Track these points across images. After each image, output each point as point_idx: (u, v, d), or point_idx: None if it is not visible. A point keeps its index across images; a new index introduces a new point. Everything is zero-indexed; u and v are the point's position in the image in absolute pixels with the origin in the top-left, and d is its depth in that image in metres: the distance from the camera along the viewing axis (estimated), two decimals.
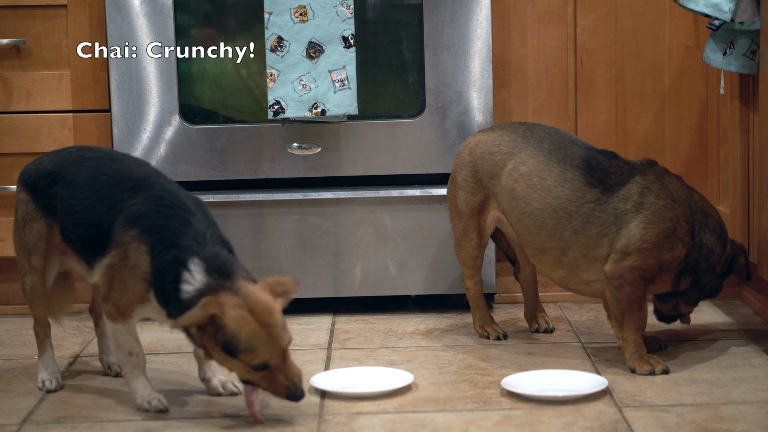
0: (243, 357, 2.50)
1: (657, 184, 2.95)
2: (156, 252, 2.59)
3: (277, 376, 2.52)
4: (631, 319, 2.92)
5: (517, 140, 3.11)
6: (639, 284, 2.91)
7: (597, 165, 2.99)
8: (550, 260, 3.03)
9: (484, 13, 3.45)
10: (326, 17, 3.38)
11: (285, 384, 2.53)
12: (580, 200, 2.97)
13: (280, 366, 2.52)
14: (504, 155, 3.11)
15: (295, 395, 2.53)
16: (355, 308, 3.64)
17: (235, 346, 2.49)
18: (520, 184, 3.05)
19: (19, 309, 3.67)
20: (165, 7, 3.45)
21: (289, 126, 3.48)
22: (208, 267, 2.55)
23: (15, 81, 3.54)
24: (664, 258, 2.91)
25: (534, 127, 3.13)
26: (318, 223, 3.51)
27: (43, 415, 2.73)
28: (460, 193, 3.20)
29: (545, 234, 3.01)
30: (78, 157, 2.82)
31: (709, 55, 3.33)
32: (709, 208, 3.01)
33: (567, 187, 2.99)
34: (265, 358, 2.50)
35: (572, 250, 2.98)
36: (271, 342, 2.50)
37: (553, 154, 3.04)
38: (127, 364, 2.71)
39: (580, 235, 2.96)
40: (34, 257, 2.85)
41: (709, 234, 2.97)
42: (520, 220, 3.06)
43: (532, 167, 3.05)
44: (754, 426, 2.54)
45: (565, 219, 2.98)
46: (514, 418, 2.62)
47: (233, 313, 2.49)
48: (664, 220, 2.91)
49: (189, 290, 2.54)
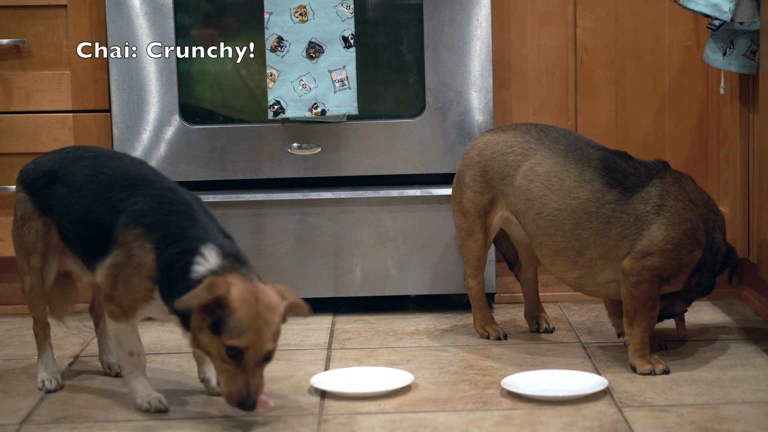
0: (225, 336, 2.46)
1: (675, 186, 2.97)
2: (162, 248, 2.58)
3: (241, 376, 2.49)
4: (643, 316, 2.93)
5: (531, 141, 3.11)
6: (656, 283, 2.93)
7: (615, 166, 3.01)
8: (565, 261, 3.03)
9: (484, 13, 3.45)
10: (326, 17, 3.38)
11: (241, 387, 2.48)
12: (600, 201, 2.99)
13: (250, 367, 2.49)
14: (518, 156, 3.11)
15: (247, 403, 2.49)
16: (355, 308, 3.64)
17: (226, 322, 2.46)
18: (536, 185, 3.06)
19: (19, 309, 3.67)
20: (165, 7, 3.45)
21: (289, 126, 3.48)
22: (223, 252, 2.55)
23: (15, 81, 3.54)
24: (684, 259, 2.94)
25: (547, 128, 3.13)
26: (318, 223, 3.51)
27: (43, 415, 2.73)
28: (467, 193, 3.20)
29: (561, 234, 3.02)
30: (76, 156, 2.82)
31: (709, 55, 3.32)
32: (716, 207, 3.03)
33: (587, 188, 3.01)
34: (245, 344, 2.46)
35: (589, 250, 2.99)
36: (258, 336, 2.48)
37: (570, 155, 3.05)
38: (127, 363, 2.71)
39: (599, 236, 2.98)
40: (32, 257, 2.85)
41: (719, 233, 2.99)
42: (535, 221, 3.06)
43: (549, 168, 3.05)
44: (754, 426, 2.54)
45: (585, 219, 2.99)
46: (514, 418, 2.62)
47: (239, 293, 2.47)
48: (685, 221, 2.93)
49: (200, 270, 2.52)
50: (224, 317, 2.47)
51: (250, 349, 2.48)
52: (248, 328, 2.47)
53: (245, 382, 2.49)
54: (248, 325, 2.47)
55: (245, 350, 2.47)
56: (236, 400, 2.49)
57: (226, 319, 2.47)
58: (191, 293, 2.46)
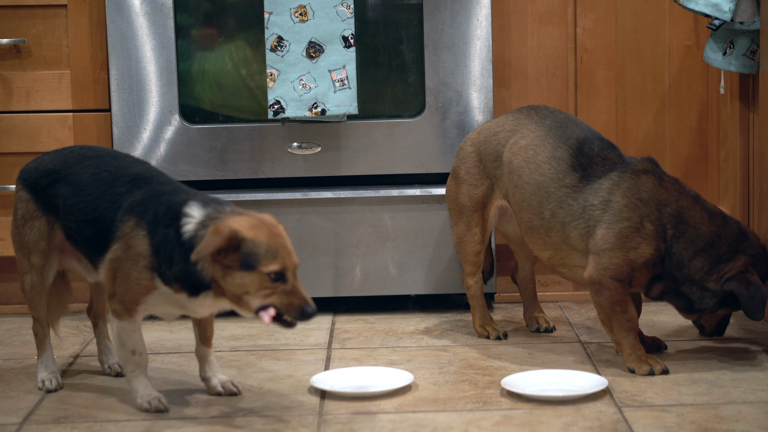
0: (263, 265, 2.50)
1: (629, 182, 2.89)
2: (153, 230, 2.60)
3: (291, 290, 2.52)
4: (618, 322, 2.91)
5: (521, 118, 3.11)
6: (616, 287, 2.88)
7: (588, 151, 2.96)
8: (537, 239, 3.01)
9: (484, 13, 3.45)
10: (326, 17, 3.38)
11: (300, 297, 2.52)
12: (560, 182, 2.95)
13: (293, 281, 2.53)
14: (507, 133, 3.11)
15: (308, 311, 2.52)
16: (355, 308, 3.64)
17: (256, 253, 2.49)
18: (517, 157, 3.04)
19: (18, 309, 3.67)
20: (165, 7, 3.45)
21: (289, 125, 3.48)
22: (203, 202, 2.60)
23: (15, 81, 3.54)
24: (629, 256, 2.87)
25: (539, 108, 3.12)
26: (318, 222, 3.51)
27: (43, 415, 2.73)
28: (462, 188, 3.20)
29: (531, 211, 3.00)
30: (79, 156, 2.83)
31: (709, 55, 3.33)
32: (695, 218, 2.88)
33: (553, 165, 2.97)
34: (284, 264, 2.51)
35: (554, 232, 2.96)
36: (288, 251, 2.53)
37: (553, 131, 3.02)
38: (129, 362, 2.71)
39: (554, 219, 2.95)
40: (34, 256, 2.85)
41: (683, 244, 2.86)
42: (514, 195, 3.04)
43: (530, 141, 3.04)
44: (754, 426, 2.54)
45: (545, 198, 2.96)
46: (514, 418, 2.62)
47: (248, 223, 2.52)
48: (623, 219, 2.86)
49: (190, 228, 2.56)
50: (249, 251, 2.50)
51: (288, 265, 2.52)
52: (277, 248, 2.51)
53: (299, 292, 2.53)
54: (276, 246, 2.51)
55: (285, 270, 2.51)
56: (299, 307, 2.52)
57: (253, 252, 2.50)
58: (203, 242, 2.50)
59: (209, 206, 2.59)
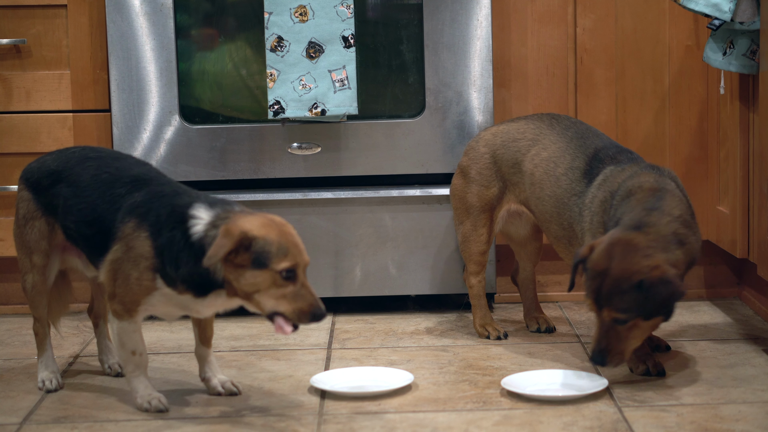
0: (275, 263, 2.50)
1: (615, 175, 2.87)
2: (157, 232, 2.60)
3: (302, 290, 2.53)
4: None
5: (542, 127, 3.11)
6: None
7: (603, 156, 2.96)
8: (562, 249, 3.04)
9: (484, 13, 3.46)
10: (326, 17, 3.38)
11: (309, 302, 2.52)
12: (573, 191, 2.96)
13: (303, 280, 2.53)
14: (528, 141, 3.10)
15: (318, 313, 2.52)
16: (355, 308, 3.64)
17: (267, 251, 2.50)
18: (539, 169, 3.05)
19: (19, 309, 3.67)
20: (165, 7, 3.45)
21: (289, 126, 3.48)
22: (209, 203, 2.60)
23: (15, 81, 3.54)
24: None
25: (560, 117, 3.12)
26: (318, 223, 3.51)
27: (43, 415, 2.73)
28: (472, 187, 3.19)
29: (555, 222, 3.01)
30: (81, 156, 2.83)
31: (709, 55, 3.32)
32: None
33: (569, 176, 2.98)
34: (295, 261, 2.51)
35: (574, 241, 2.97)
36: (299, 249, 2.53)
37: (573, 142, 3.02)
38: (129, 363, 2.71)
39: (572, 229, 2.95)
40: (35, 255, 2.85)
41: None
42: (537, 206, 3.05)
43: (552, 153, 3.04)
44: (754, 426, 2.54)
45: (563, 209, 2.97)
46: (514, 418, 2.62)
47: (257, 222, 2.52)
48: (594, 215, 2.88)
49: (199, 230, 2.56)
50: (260, 249, 2.50)
51: (299, 263, 2.52)
52: (288, 246, 2.52)
53: (309, 293, 2.53)
54: (287, 244, 2.52)
55: (296, 267, 2.52)
56: (310, 313, 2.52)
57: (264, 250, 2.50)
58: (214, 246, 2.49)
59: (217, 207, 2.59)
